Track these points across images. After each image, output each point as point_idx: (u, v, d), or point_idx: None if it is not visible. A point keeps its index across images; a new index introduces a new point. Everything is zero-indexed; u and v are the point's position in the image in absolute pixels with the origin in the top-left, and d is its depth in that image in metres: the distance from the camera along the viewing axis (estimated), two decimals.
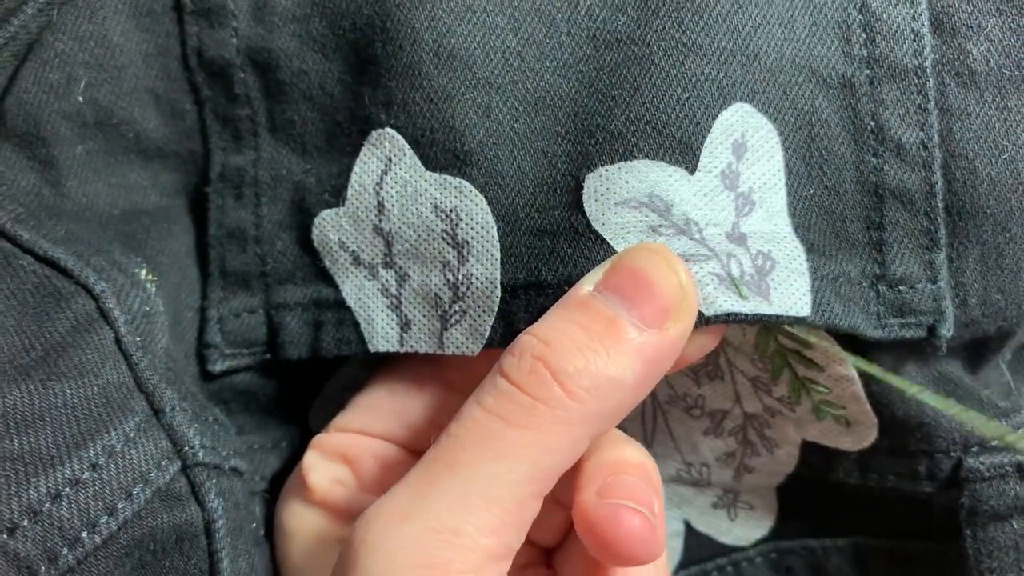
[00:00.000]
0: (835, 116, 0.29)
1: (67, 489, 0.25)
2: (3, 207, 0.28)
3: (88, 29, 0.30)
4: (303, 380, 0.33)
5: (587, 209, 0.27)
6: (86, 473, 0.25)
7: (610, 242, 0.26)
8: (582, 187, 0.27)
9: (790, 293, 0.27)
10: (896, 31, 0.28)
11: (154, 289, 0.29)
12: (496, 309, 0.27)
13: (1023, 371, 0.33)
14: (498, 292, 0.27)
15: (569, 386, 0.23)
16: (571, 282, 0.26)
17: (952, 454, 0.30)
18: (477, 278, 0.28)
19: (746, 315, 0.26)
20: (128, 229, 0.31)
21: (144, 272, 0.29)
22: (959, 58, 0.29)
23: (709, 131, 0.27)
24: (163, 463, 0.26)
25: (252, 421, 0.33)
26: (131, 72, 0.30)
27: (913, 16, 0.28)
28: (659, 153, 0.27)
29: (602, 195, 0.27)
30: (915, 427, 0.30)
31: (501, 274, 0.27)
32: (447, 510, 0.23)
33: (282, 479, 0.32)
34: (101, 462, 0.25)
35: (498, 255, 0.27)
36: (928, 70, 0.28)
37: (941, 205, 0.29)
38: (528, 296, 0.27)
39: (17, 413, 0.25)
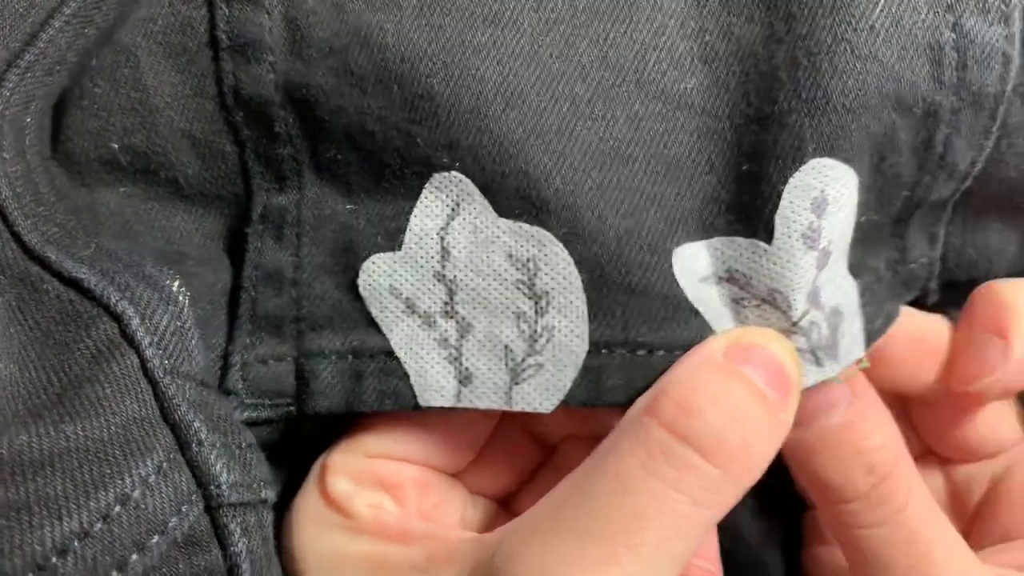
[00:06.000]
0: (909, 144, 0.27)
1: (75, 543, 0.22)
2: (37, 228, 0.26)
3: (124, 73, 0.29)
4: None
5: (680, 280, 0.26)
6: (97, 525, 0.23)
7: (703, 315, 0.26)
8: (671, 254, 0.26)
9: (849, 340, 0.27)
10: (987, 55, 0.27)
11: (187, 301, 0.27)
12: (581, 364, 0.26)
13: None
14: (585, 346, 0.26)
15: (753, 461, 0.23)
16: (669, 347, 0.25)
17: None
18: (560, 331, 0.26)
19: (819, 381, 0.26)
20: (166, 249, 0.29)
21: (176, 284, 0.27)
22: None
23: (779, 199, 0.26)
24: (184, 508, 0.24)
25: None
26: (166, 115, 0.29)
27: (1006, 37, 0.27)
28: (733, 230, 0.27)
29: (688, 271, 0.26)
30: None
31: (589, 329, 0.26)
32: None
33: None
34: (115, 512, 0.23)
35: (584, 308, 0.26)
36: (1008, 95, 0.27)
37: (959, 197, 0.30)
38: (622, 356, 0.26)
39: (24, 459, 0.23)
